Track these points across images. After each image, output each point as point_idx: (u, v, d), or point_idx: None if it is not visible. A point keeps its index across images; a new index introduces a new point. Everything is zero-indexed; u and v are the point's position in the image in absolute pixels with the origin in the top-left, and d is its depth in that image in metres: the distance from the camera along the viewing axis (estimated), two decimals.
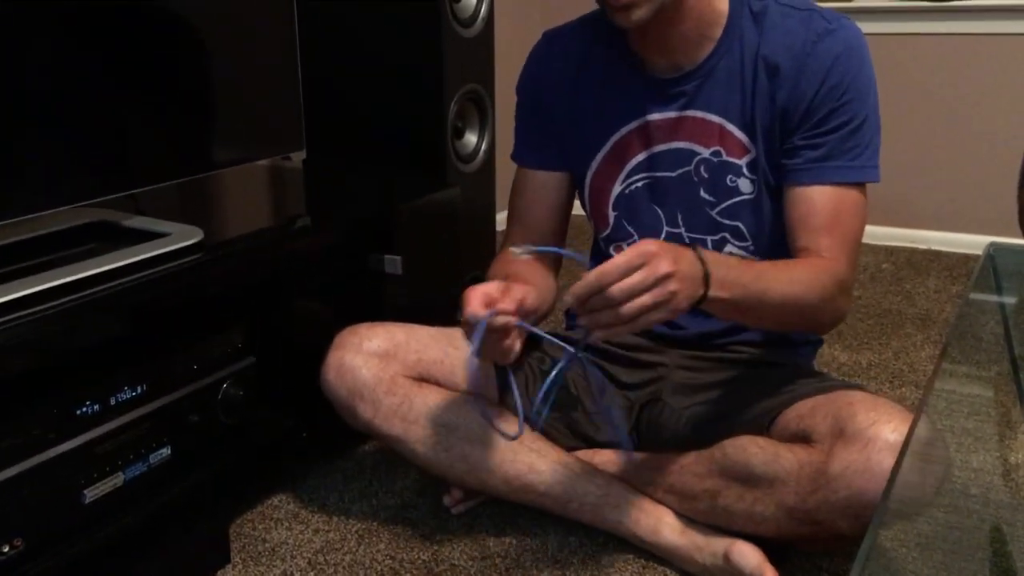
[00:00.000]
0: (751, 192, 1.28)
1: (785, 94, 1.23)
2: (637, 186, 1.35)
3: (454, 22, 2.02)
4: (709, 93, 1.27)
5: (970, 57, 3.15)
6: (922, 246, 3.29)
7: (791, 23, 1.24)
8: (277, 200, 1.97)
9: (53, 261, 1.31)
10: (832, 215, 1.23)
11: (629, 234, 1.37)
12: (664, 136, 1.31)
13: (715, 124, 1.28)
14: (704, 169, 1.30)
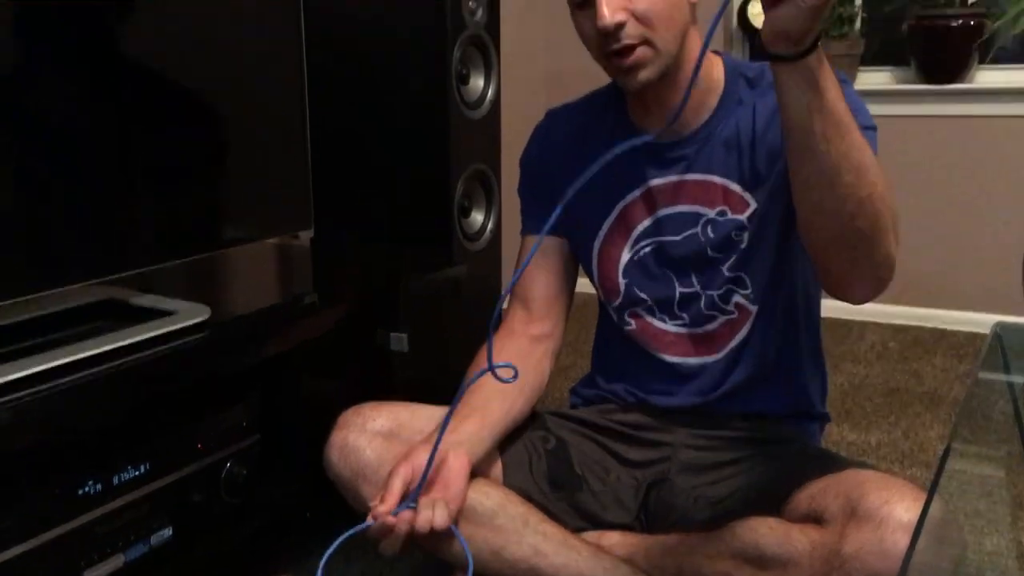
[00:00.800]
0: (749, 243, 1.30)
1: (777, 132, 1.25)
2: (646, 251, 1.36)
3: (462, 104, 2.06)
4: (709, 156, 1.30)
5: (975, 138, 3.19)
6: (928, 324, 3.28)
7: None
8: (284, 278, 1.98)
9: (59, 340, 1.31)
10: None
11: (642, 300, 1.38)
12: (668, 200, 1.33)
13: (718, 185, 1.30)
14: (711, 229, 1.31)
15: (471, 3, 2.04)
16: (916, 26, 3.18)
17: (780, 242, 1.30)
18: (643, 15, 1.18)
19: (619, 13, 1.17)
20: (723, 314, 1.34)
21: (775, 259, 1.31)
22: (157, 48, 1.45)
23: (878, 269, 1.10)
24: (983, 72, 3.24)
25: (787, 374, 1.38)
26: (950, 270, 3.27)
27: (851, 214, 1.03)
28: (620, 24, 1.18)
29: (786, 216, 1.28)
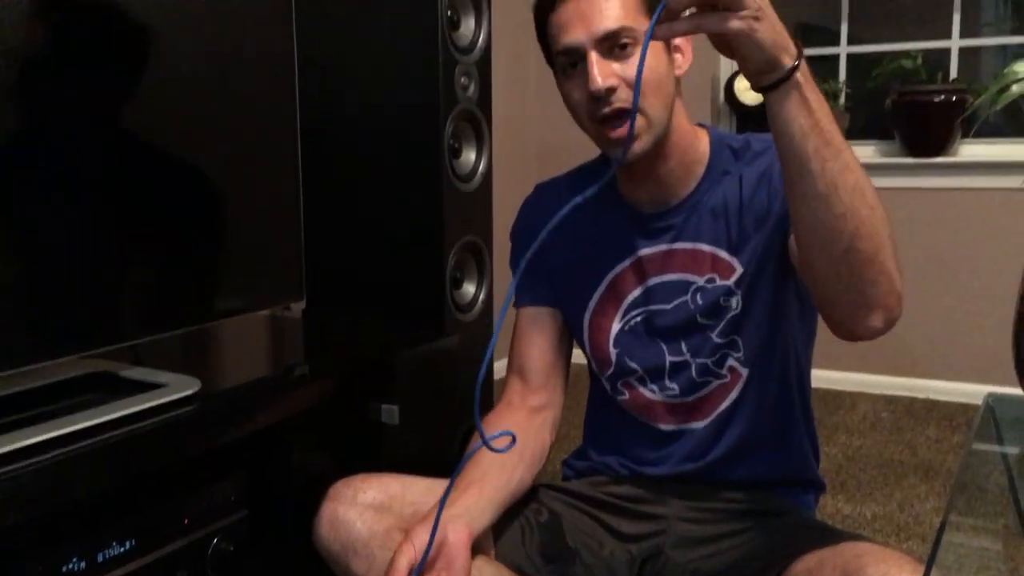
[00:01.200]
0: (738, 307, 1.31)
1: (767, 194, 1.27)
2: (636, 321, 1.36)
3: (454, 177, 2.08)
4: (697, 224, 1.31)
5: (961, 210, 3.23)
6: (920, 395, 3.28)
7: (764, 145, 1.30)
8: (276, 350, 1.98)
9: (47, 413, 1.30)
10: None
11: (633, 370, 1.37)
12: (657, 269, 1.34)
13: (706, 253, 1.31)
14: (700, 297, 1.32)
15: (463, 79, 2.08)
16: (899, 102, 3.25)
17: (772, 305, 1.31)
18: (632, 81, 1.20)
19: (610, 78, 1.19)
20: (716, 378, 1.34)
21: (768, 322, 1.31)
22: (149, 121, 1.47)
23: (886, 297, 1.08)
24: (967, 146, 3.30)
25: (779, 439, 1.38)
26: (940, 341, 3.29)
27: (852, 234, 1.03)
28: (611, 88, 1.20)
29: (777, 277, 1.29)
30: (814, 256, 1.08)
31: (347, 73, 2.14)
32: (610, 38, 1.19)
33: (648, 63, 1.20)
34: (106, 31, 1.39)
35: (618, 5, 1.20)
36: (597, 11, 1.20)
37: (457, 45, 2.06)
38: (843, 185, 1.01)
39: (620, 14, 1.19)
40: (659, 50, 1.22)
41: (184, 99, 1.52)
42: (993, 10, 3.44)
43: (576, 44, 1.21)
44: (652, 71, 1.21)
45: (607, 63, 1.20)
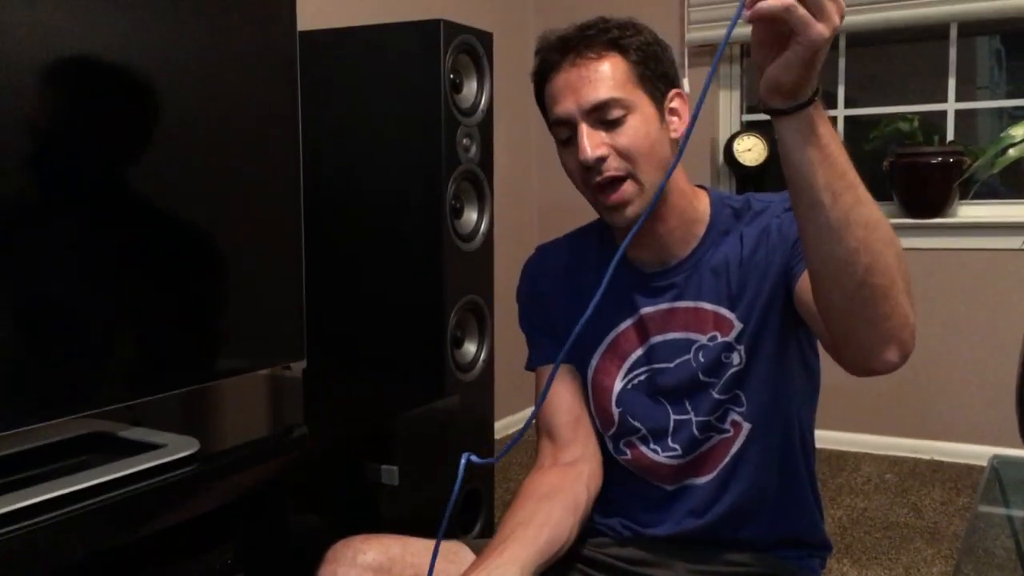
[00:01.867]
0: (741, 363, 1.30)
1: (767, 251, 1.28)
2: (639, 380, 1.36)
3: (456, 237, 2.09)
4: (698, 283, 1.32)
5: (961, 271, 3.24)
6: (924, 456, 3.25)
7: (768, 203, 1.31)
8: (276, 410, 1.97)
9: (44, 474, 1.29)
10: None
11: (636, 429, 1.37)
12: (659, 328, 1.34)
13: (708, 311, 1.31)
14: (702, 355, 1.32)
15: (465, 140, 2.10)
16: (896, 163, 3.28)
17: (775, 361, 1.30)
18: (624, 150, 1.22)
19: (600, 148, 1.21)
20: (718, 432, 1.33)
21: (771, 377, 1.31)
22: (153, 183, 1.49)
23: (900, 331, 1.06)
24: (965, 207, 3.32)
25: (783, 497, 1.36)
26: (943, 401, 3.27)
27: (866, 268, 1.01)
28: (601, 158, 1.21)
29: (780, 332, 1.29)
30: (828, 290, 1.06)
31: (350, 134, 2.16)
32: (599, 109, 1.21)
33: (639, 130, 1.22)
34: (115, 97, 1.41)
35: (608, 76, 1.22)
36: (587, 82, 1.22)
37: (459, 107, 2.09)
38: (856, 219, 1.00)
39: (610, 85, 1.21)
40: (651, 116, 1.24)
41: (188, 161, 1.54)
42: (988, 74, 3.49)
43: (567, 115, 1.23)
44: (644, 137, 1.23)
45: (597, 133, 1.22)
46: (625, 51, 1.23)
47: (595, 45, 1.23)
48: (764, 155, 3.49)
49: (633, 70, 1.23)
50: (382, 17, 2.53)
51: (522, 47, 3.73)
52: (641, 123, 1.23)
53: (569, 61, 1.23)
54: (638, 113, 1.23)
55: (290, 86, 1.72)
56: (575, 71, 1.23)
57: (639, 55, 1.24)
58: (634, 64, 1.23)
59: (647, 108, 1.24)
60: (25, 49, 1.28)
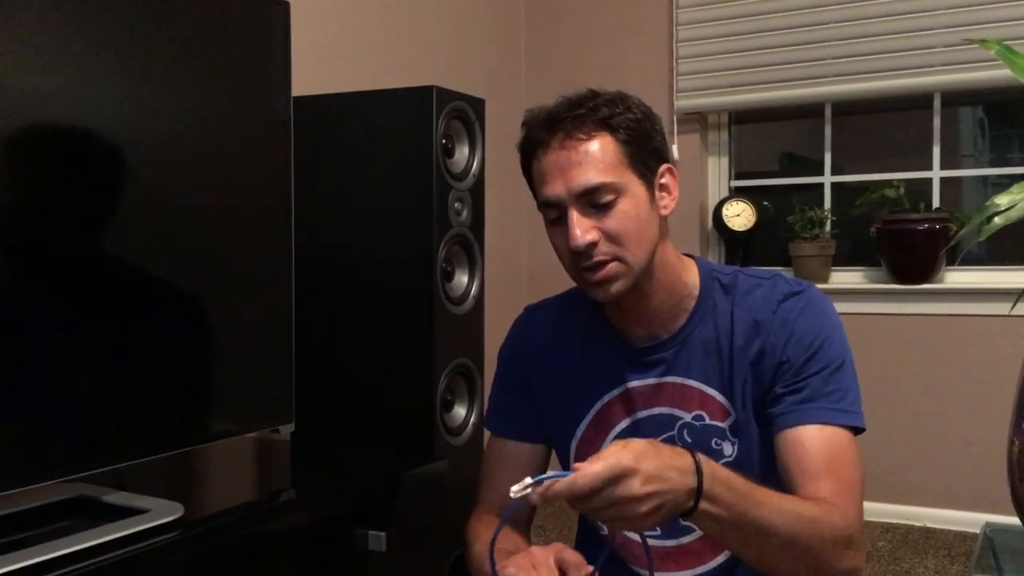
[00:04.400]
0: (732, 455, 1.28)
1: (758, 351, 1.26)
2: None
3: (446, 300, 2.10)
4: (687, 360, 1.30)
5: (949, 336, 3.25)
6: (917, 523, 3.23)
7: (759, 291, 1.29)
8: (262, 474, 1.95)
9: (28, 539, 1.27)
10: (826, 457, 1.19)
11: None
12: (645, 402, 1.32)
13: (695, 390, 1.29)
14: (687, 433, 1.30)
15: (456, 204, 2.12)
16: (883, 229, 3.31)
17: (768, 456, 1.28)
18: (613, 233, 1.20)
19: (590, 233, 1.20)
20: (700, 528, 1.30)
21: (764, 474, 1.28)
22: (140, 245, 1.49)
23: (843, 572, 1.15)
24: (952, 272, 3.35)
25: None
26: (933, 467, 3.26)
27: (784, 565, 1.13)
28: (592, 244, 1.20)
29: (770, 440, 1.26)
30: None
31: (343, 197, 2.18)
32: (589, 193, 1.20)
33: (628, 214, 1.21)
34: (105, 161, 1.42)
35: (598, 160, 1.20)
36: (576, 165, 1.20)
37: (451, 172, 2.11)
38: (766, 551, 1.11)
39: (600, 169, 1.20)
40: (641, 197, 1.23)
41: (178, 225, 1.54)
42: (972, 142, 3.54)
43: (556, 199, 1.21)
44: (634, 220, 1.21)
45: (586, 219, 1.20)
46: (615, 130, 1.21)
47: (584, 125, 1.21)
48: (753, 220, 3.53)
49: (623, 151, 1.21)
50: (376, 83, 2.57)
51: (514, 113, 3.77)
52: (631, 206, 1.21)
53: (558, 141, 1.21)
54: (628, 196, 1.21)
55: (284, 150, 1.74)
56: (564, 153, 1.20)
57: (629, 134, 1.22)
58: (624, 144, 1.21)
59: (637, 189, 1.22)
60: (18, 113, 1.29)
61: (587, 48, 3.80)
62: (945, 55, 3.22)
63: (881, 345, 3.31)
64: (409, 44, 3.14)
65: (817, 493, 1.17)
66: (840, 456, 1.20)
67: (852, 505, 1.17)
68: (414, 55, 3.17)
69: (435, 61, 3.27)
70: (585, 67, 3.77)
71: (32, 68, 1.29)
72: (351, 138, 2.16)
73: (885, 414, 3.28)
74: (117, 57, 1.41)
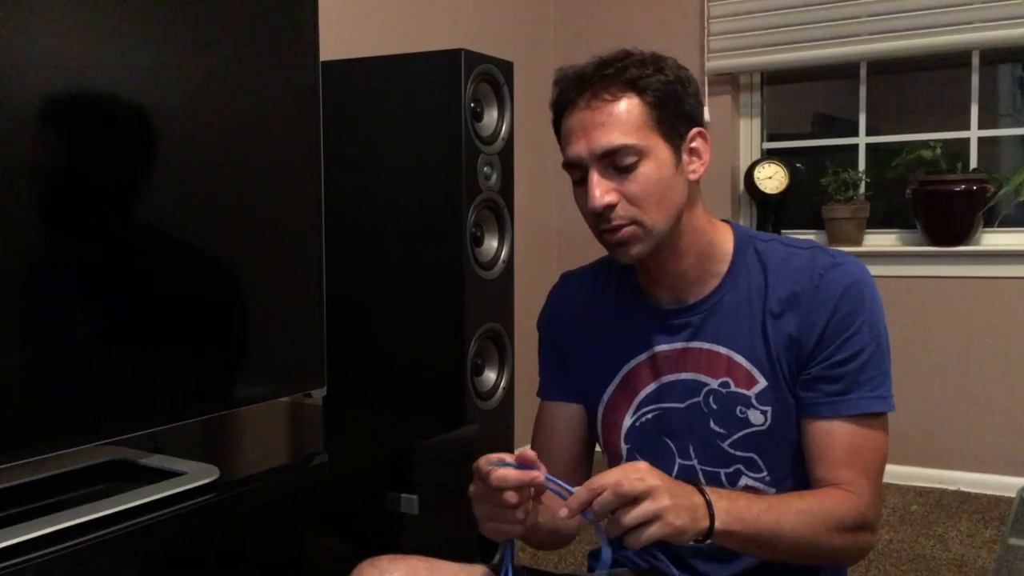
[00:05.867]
0: (763, 423, 1.26)
1: (796, 327, 1.24)
2: (648, 418, 1.33)
3: (476, 265, 2.09)
4: (716, 325, 1.28)
5: (985, 299, 3.21)
6: (951, 487, 3.21)
7: (796, 261, 1.27)
8: (296, 437, 1.97)
9: (65, 502, 1.29)
10: (852, 448, 1.21)
11: None
12: (671, 367, 1.31)
13: (723, 356, 1.28)
14: (713, 400, 1.28)
15: (486, 168, 2.11)
16: (919, 191, 3.26)
17: (799, 432, 1.27)
18: (633, 197, 1.19)
19: (609, 195, 1.18)
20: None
21: (796, 445, 1.28)
22: (174, 212, 1.50)
23: (857, 560, 1.24)
24: (989, 235, 3.29)
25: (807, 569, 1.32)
26: (968, 431, 3.22)
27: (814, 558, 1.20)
28: (610, 206, 1.19)
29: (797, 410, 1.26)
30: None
31: (372, 162, 2.17)
32: (611, 155, 1.18)
33: (651, 177, 1.19)
34: (138, 127, 1.42)
35: (623, 121, 1.18)
36: (600, 125, 1.19)
37: (480, 136, 2.10)
38: (781, 554, 1.16)
39: (624, 130, 1.18)
40: (666, 161, 1.21)
41: (211, 190, 1.55)
42: (1011, 102, 3.47)
43: (578, 159, 1.20)
44: (656, 184, 1.19)
45: (607, 180, 1.19)
46: (643, 92, 1.19)
47: (612, 85, 1.19)
48: (785, 183, 3.48)
49: (650, 113, 1.19)
50: (404, 47, 2.55)
51: (542, 76, 3.74)
52: (654, 169, 1.19)
53: (584, 101, 1.20)
54: (651, 159, 1.19)
55: (313, 115, 1.73)
56: (589, 113, 1.19)
57: (657, 96, 1.20)
58: (651, 106, 1.19)
59: (662, 152, 1.20)
60: (49, 79, 1.30)
61: (617, 10, 3.76)
62: (984, 11, 3.14)
63: (916, 308, 3.27)
64: (436, 7, 3.12)
65: (836, 479, 1.21)
66: (866, 444, 1.22)
67: (869, 488, 1.21)
68: (442, 18, 3.14)
69: (463, 24, 3.24)
70: (614, 29, 3.72)
71: (59, 33, 1.30)
72: (379, 102, 2.16)
73: (919, 377, 3.25)
74: (145, 23, 1.41)
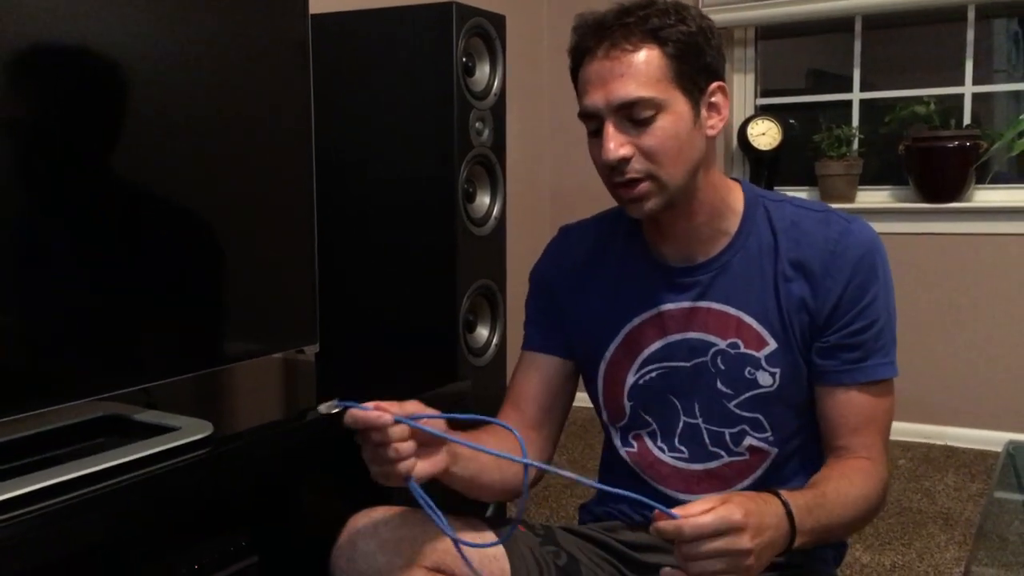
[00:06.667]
0: (771, 385, 1.26)
1: (810, 292, 1.23)
2: (652, 376, 1.33)
3: (468, 221, 2.09)
4: (725, 285, 1.27)
5: (977, 256, 3.22)
6: (938, 442, 3.24)
7: (808, 224, 1.26)
8: (289, 393, 1.97)
9: (58, 457, 1.30)
10: (870, 413, 1.25)
11: (647, 423, 1.35)
12: (678, 326, 1.30)
13: (732, 316, 1.27)
14: (721, 361, 1.28)
15: (478, 123, 2.10)
16: (912, 147, 3.25)
17: (809, 387, 1.27)
18: (649, 151, 1.17)
19: (624, 147, 1.17)
20: (729, 455, 1.29)
21: (805, 406, 1.28)
22: (164, 165, 1.49)
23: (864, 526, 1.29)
24: (981, 191, 3.29)
25: None
26: (956, 387, 3.25)
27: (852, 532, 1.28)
28: (625, 159, 1.17)
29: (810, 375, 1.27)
30: None
31: (363, 117, 2.16)
32: (628, 107, 1.16)
33: (668, 131, 1.17)
34: (123, 83, 1.41)
35: (641, 73, 1.15)
36: (618, 76, 1.16)
37: (472, 91, 2.08)
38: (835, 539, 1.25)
39: (642, 82, 1.15)
40: (684, 115, 1.18)
41: (200, 146, 1.54)
42: (1005, 57, 3.45)
43: (594, 110, 1.18)
44: (673, 138, 1.17)
45: (622, 133, 1.17)
46: (664, 43, 1.16)
47: (632, 35, 1.16)
48: (778, 139, 3.47)
49: (670, 65, 1.16)
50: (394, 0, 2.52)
51: (535, 30, 3.71)
52: (671, 123, 1.17)
53: (603, 50, 1.17)
54: (669, 112, 1.17)
55: (302, 69, 1.71)
56: (607, 63, 1.16)
57: (679, 47, 1.16)
58: (672, 58, 1.16)
59: (680, 106, 1.18)
60: (37, 33, 1.28)
61: None
62: None
63: (907, 265, 3.28)
64: None
65: (854, 444, 1.25)
66: (880, 409, 1.26)
67: (884, 452, 1.26)
68: None
69: None
70: None
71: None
72: (370, 56, 2.14)
73: (909, 333, 3.26)
74: None
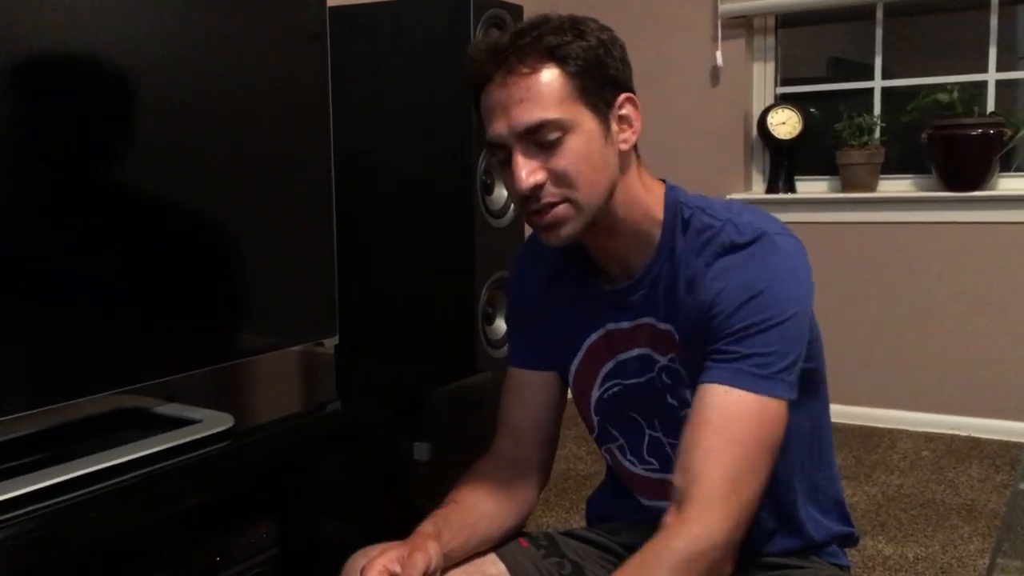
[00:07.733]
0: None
1: (696, 303, 1.18)
2: (614, 391, 1.31)
3: (486, 213, 2.08)
4: (655, 301, 1.23)
5: (1000, 244, 3.19)
6: (962, 433, 3.21)
7: (704, 238, 1.20)
8: (309, 386, 1.98)
9: (79, 450, 1.30)
10: (716, 426, 1.13)
11: (615, 438, 1.34)
12: (624, 344, 1.27)
13: (664, 332, 1.23)
14: (666, 376, 1.25)
15: None
16: (935, 135, 3.22)
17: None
18: (562, 173, 1.11)
19: (536, 174, 1.11)
20: None
21: None
22: (186, 159, 1.49)
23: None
24: (1005, 179, 3.26)
25: (781, 522, 1.30)
26: (981, 377, 3.22)
27: None
28: (538, 186, 1.11)
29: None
30: None
31: (381, 109, 2.15)
32: (534, 132, 1.10)
33: (579, 152, 1.11)
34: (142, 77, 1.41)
35: (543, 95, 1.10)
36: (518, 102, 1.10)
37: None
38: None
39: (545, 104, 1.10)
40: (594, 132, 1.13)
41: (219, 140, 1.54)
42: None
43: (499, 139, 1.12)
44: (585, 159, 1.12)
45: (532, 159, 1.11)
46: (563, 61, 1.10)
47: (528, 57, 1.10)
48: (798, 128, 3.44)
49: (572, 83, 1.10)
50: None
51: None
52: (581, 143, 1.11)
53: (500, 76, 1.11)
54: (577, 132, 1.11)
55: (320, 62, 1.71)
56: (505, 90, 1.10)
57: (579, 65, 1.11)
58: (573, 76, 1.10)
59: (588, 124, 1.12)
60: (52, 30, 1.28)
61: None
62: None
63: (930, 254, 3.25)
64: None
65: (690, 467, 1.12)
66: (732, 426, 1.13)
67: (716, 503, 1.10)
68: None
69: None
70: None
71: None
72: (387, 48, 2.13)
73: (933, 324, 3.24)
74: None
